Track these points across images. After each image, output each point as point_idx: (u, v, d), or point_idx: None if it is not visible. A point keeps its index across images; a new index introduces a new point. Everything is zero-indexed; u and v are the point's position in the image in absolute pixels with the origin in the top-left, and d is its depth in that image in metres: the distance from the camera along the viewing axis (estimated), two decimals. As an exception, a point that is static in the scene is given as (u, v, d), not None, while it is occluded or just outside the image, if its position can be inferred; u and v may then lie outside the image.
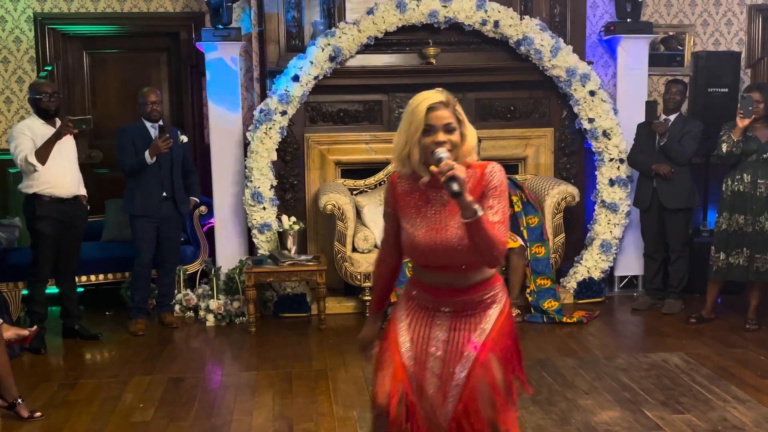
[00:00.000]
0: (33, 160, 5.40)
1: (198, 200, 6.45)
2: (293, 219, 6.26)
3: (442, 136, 2.57)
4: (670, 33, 7.56)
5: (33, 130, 5.49)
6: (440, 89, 2.67)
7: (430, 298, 2.75)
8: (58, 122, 5.56)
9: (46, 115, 5.57)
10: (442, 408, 2.64)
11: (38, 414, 4.40)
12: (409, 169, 2.68)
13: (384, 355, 2.75)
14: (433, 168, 2.51)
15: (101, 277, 6.53)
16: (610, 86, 7.13)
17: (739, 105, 5.68)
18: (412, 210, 2.69)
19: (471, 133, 2.69)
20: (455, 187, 2.41)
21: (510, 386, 2.68)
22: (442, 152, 2.51)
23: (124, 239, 6.52)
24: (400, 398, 2.65)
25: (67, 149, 5.62)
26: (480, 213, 2.45)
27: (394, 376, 2.68)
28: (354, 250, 6.33)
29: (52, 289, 5.96)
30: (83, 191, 5.77)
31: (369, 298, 6.32)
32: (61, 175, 5.55)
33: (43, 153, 5.41)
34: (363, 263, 6.28)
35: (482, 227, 2.48)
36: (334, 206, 6.18)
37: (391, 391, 2.66)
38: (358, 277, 6.30)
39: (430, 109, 2.59)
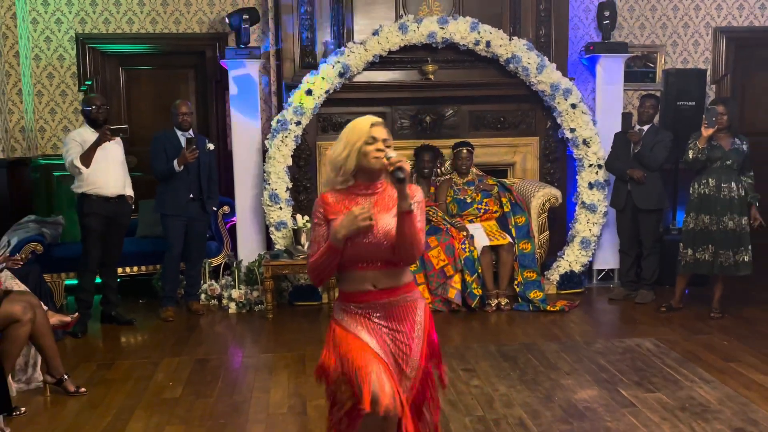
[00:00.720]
0: (78, 163, 5.44)
1: (215, 208, 6.45)
2: (306, 218, 6.26)
3: (381, 145, 2.66)
4: (644, 52, 7.56)
5: (83, 137, 5.55)
6: (376, 117, 2.78)
7: (362, 305, 2.71)
8: None
9: (95, 125, 5.61)
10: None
11: (82, 389, 4.42)
12: (340, 177, 2.74)
13: (356, 355, 2.64)
14: (385, 161, 2.60)
15: (135, 268, 6.55)
16: (589, 100, 7.13)
17: (704, 116, 5.67)
18: (342, 215, 2.67)
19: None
20: (401, 174, 2.53)
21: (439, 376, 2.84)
22: (392, 152, 2.62)
23: (156, 235, 6.53)
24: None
25: (113, 154, 5.65)
26: (414, 208, 2.59)
27: (385, 373, 2.63)
28: (361, 245, 6.32)
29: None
30: (129, 192, 5.79)
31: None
32: (105, 176, 5.57)
33: (86, 157, 5.45)
34: (369, 257, 6.26)
35: (413, 222, 2.60)
36: (343, 206, 6.16)
37: (392, 390, 2.61)
38: (364, 270, 6.28)
39: (374, 124, 2.71)
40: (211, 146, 6.14)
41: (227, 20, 6.85)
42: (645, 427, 3.80)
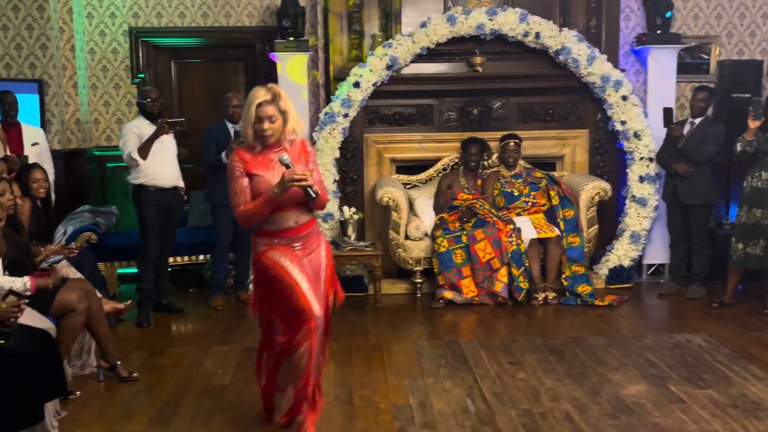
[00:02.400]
0: (135, 155, 5.52)
1: None
2: (353, 209, 6.29)
3: (267, 125, 3.29)
4: (697, 43, 7.40)
5: (140, 129, 5.62)
6: (269, 86, 3.35)
7: (286, 238, 3.40)
8: None
9: (151, 117, 5.69)
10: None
11: (135, 375, 4.52)
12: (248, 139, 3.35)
13: (281, 280, 3.34)
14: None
15: (186, 258, 6.65)
16: (641, 92, 7.02)
17: (750, 108, 5.55)
18: (261, 168, 3.35)
19: (293, 118, 3.35)
20: (312, 192, 3.26)
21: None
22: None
23: (206, 226, 6.63)
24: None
25: (168, 147, 5.74)
26: (314, 193, 3.27)
27: (309, 293, 3.34)
28: (407, 237, 6.34)
29: (133, 269, 6.08)
30: (182, 183, 5.89)
31: (420, 280, 6.34)
32: (162, 168, 5.66)
33: (144, 149, 5.53)
34: (415, 249, 6.29)
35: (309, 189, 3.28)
36: (390, 199, 6.20)
37: (318, 303, 3.37)
38: (410, 262, 6.31)
39: (259, 105, 3.27)
40: (260, 138, 6.20)
41: (276, 13, 6.91)
42: (695, 423, 3.74)
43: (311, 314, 3.33)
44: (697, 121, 6.18)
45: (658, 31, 6.81)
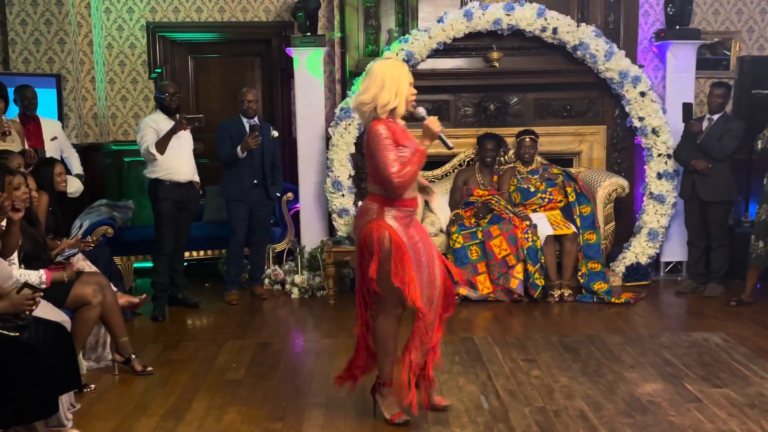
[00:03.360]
0: (153, 150, 5.54)
1: (279, 194, 6.52)
2: (369, 205, 6.26)
3: (413, 92, 3.50)
4: (717, 39, 7.32)
5: (158, 124, 5.64)
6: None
7: (409, 210, 3.53)
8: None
9: (168, 112, 5.71)
10: (435, 282, 3.58)
11: (149, 369, 4.54)
12: (385, 116, 3.43)
13: (403, 260, 3.41)
14: (430, 126, 3.47)
15: (201, 253, 6.67)
16: (659, 88, 6.95)
17: None
18: (405, 140, 3.45)
19: None
20: (449, 143, 3.54)
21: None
22: (422, 108, 3.50)
23: (221, 220, 6.65)
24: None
25: (184, 142, 5.75)
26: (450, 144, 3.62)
27: (419, 283, 3.44)
28: (422, 233, 6.31)
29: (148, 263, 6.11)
30: (197, 178, 5.90)
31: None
32: (178, 163, 5.68)
33: (162, 144, 5.55)
34: (430, 245, 6.26)
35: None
36: (405, 194, 6.17)
37: (423, 295, 3.47)
38: (426, 258, 6.28)
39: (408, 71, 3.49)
40: (275, 133, 6.21)
41: (292, 8, 6.91)
42: (711, 422, 3.70)
43: (418, 305, 3.44)
44: (715, 117, 6.11)
45: (677, 27, 6.73)
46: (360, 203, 4.28)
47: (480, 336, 5.18)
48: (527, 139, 6.38)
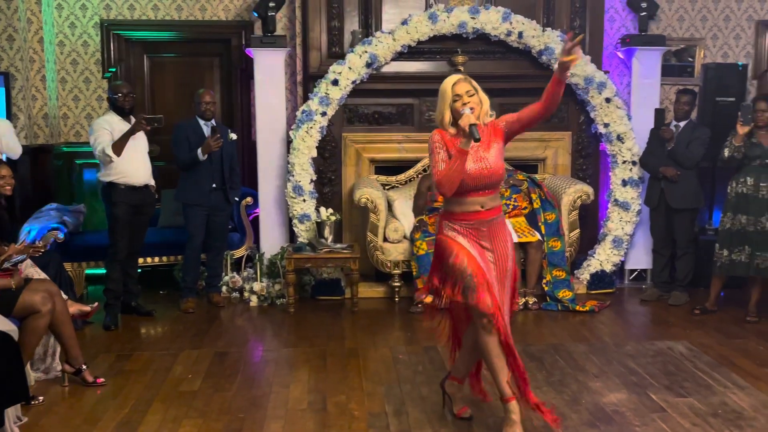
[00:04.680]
0: (110, 152, 5.47)
1: (238, 198, 6.48)
2: (330, 210, 6.26)
3: (466, 99, 3.54)
4: (682, 46, 7.46)
5: (111, 125, 5.57)
6: (458, 74, 3.78)
7: (471, 223, 3.56)
8: (132, 119, 5.65)
9: (122, 112, 5.65)
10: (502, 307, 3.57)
11: (100, 380, 4.47)
12: (445, 128, 3.62)
13: (465, 261, 3.51)
14: (460, 122, 3.49)
15: (156, 259, 6.59)
16: (624, 94, 7.05)
17: (739, 113, 5.60)
18: (453, 150, 3.50)
19: (485, 98, 3.62)
20: (476, 133, 3.40)
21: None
22: (467, 109, 3.50)
23: (177, 225, 6.58)
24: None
25: (140, 144, 5.69)
26: (477, 135, 3.42)
27: (488, 290, 3.49)
28: (385, 240, 6.33)
29: (101, 270, 6.03)
30: (152, 182, 5.84)
31: (398, 284, 6.32)
32: (134, 166, 5.62)
33: (119, 146, 5.49)
34: (393, 252, 6.27)
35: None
36: (368, 200, 6.18)
37: (493, 301, 3.48)
38: (388, 265, 6.30)
39: (455, 84, 3.59)
40: (233, 136, 6.17)
41: (252, 7, 6.87)
42: (675, 433, 3.76)
43: (483, 309, 3.49)
44: (682, 124, 6.22)
45: (643, 33, 6.85)
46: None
47: (444, 345, 5.19)
48: (492, 145, 6.42)
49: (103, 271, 6.04)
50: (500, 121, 3.66)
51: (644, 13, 6.87)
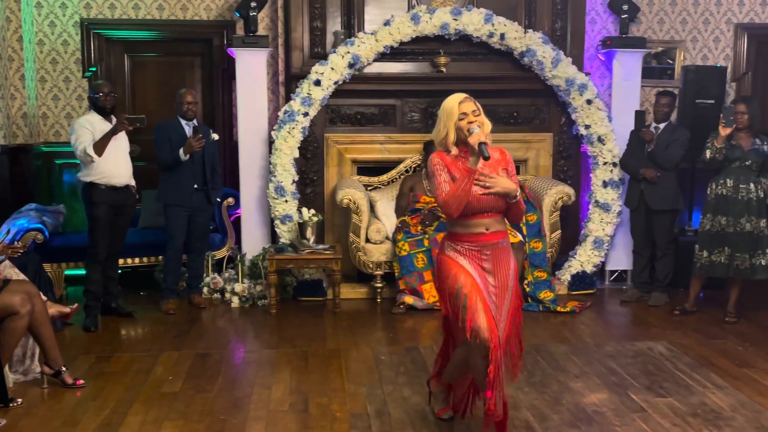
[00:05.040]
0: (91, 151, 5.43)
1: (219, 199, 6.45)
2: (312, 211, 6.25)
3: (472, 117, 3.43)
4: (662, 48, 7.52)
5: (93, 125, 5.53)
6: (462, 93, 3.56)
7: (476, 245, 3.47)
8: (114, 119, 5.61)
9: (103, 112, 5.62)
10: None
11: (80, 381, 4.44)
12: (445, 148, 3.51)
13: (463, 281, 3.42)
14: (466, 133, 3.39)
15: (137, 260, 6.56)
16: (605, 96, 7.10)
17: (721, 115, 5.65)
18: (458, 171, 3.42)
19: (486, 121, 3.52)
20: (486, 151, 3.32)
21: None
22: (476, 127, 3.38)
23: (158, 226, 6.55)
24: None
25: (121, 144, 5.65)
26: (487, 154, 3.35)
27: (484, 311, 3.37)
28: (367, 241, 6.33)
29: (81, 271, 5.99)
30: (133, 182, 5.81)
31: (380, 285, 6.33)
32: (115, 166, 5.58)
33: (101, 146, 5.45)
34: (375, 253, 6.28)
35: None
36: (350, 201, 6.18)
37: (489, 326, 3.36)
38: (370, 266, 6.30)
39: (461, 102, 3.48)
40: (215, 136, 6.15)
41: (234, 7, 6.85)
42: (655, 432, 3.79)
43: (480, 337, 3.36)
44: (662, 126, 6.27)
45: (623, 35, 6.90)
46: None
47: (426, 346, 5.21)
48: (474, 146, 6.44)
49: (82, 272, 6.00)
50: (509, 157, 3.61)
51: (625, 16, 6.92)
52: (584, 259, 6.66)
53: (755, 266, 5.63)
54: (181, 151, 5.84)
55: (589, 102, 6.63)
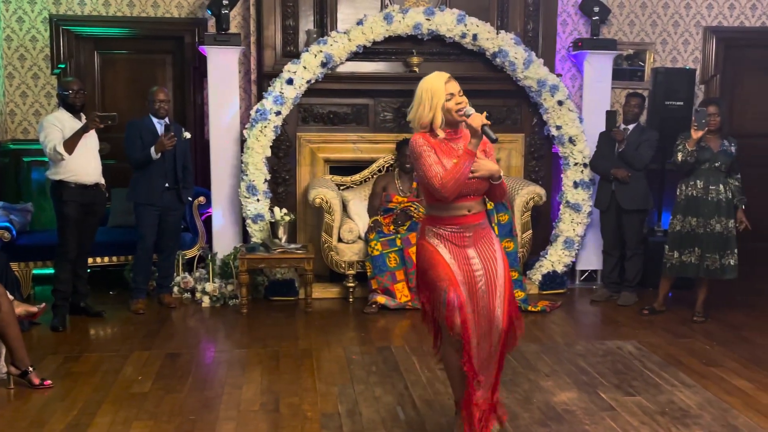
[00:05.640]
0: (61, 149, 5.37)
1: (190, 198, 6.41)
2: (284, 211, 6.23)
3: (459, 98, 3.35)
4: (633, 50, 7.60)
5: (62, 122, 5.47)
6: (443, 72, 3.44)
7: (457, 227, 3.40)
8: (83, 116, 5.55)
9: (73, 109, 5.56)
10: (494, 313, 3.40)
11: (48, 382, 4.38)
12: (429, 131, 3.39)
13: (442, 276, 3.34)
14: (466, 119, 3.32)
15: (106, 259, 6.50)
16: (576, 97, 7.16)
17: (693, 118, 5.71)
18: (444, 155, 3.35)
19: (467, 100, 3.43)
20: (492, 134, 3.32)
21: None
22: (470, 108, 3.32)
23: (128, 225, 6.49)
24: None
25: (90, 141, 5.60)
26: (494, 136, 3.37)
27: (459, 309, 3.31)
28: (339, 240, 6.33)
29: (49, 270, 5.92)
30: (103, 180, 5.75)
31: (352, 284, 6.32)
32: (85, 164, 5.53)
33: (71, 144, 5.40)
34: (347, 252, 6.27)
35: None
36: (323, 200, 6.17)
37: (463, 323, 3.31)
38: (343, 265, 6.30)
39: (447, 82, 3.36)
40: (187, 135, 6.11)
41: (206, 4, 6.81)
42: (624, 431, 3.83)
43: (453, 329, 3.31)
44: (631, 127, 6.34)
45: (594, 37, 6.96)
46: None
47: (397, 345, 5.22)
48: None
49: (51, 271, 5.93)
50: (485, 139, 3.46)
51: (596, 18, 6.99)
52: (555, 259, 6.71)
53: (725, 266, 5.71)
54: (152, 149, 5.79)
55: (560, 103, 6.68)
